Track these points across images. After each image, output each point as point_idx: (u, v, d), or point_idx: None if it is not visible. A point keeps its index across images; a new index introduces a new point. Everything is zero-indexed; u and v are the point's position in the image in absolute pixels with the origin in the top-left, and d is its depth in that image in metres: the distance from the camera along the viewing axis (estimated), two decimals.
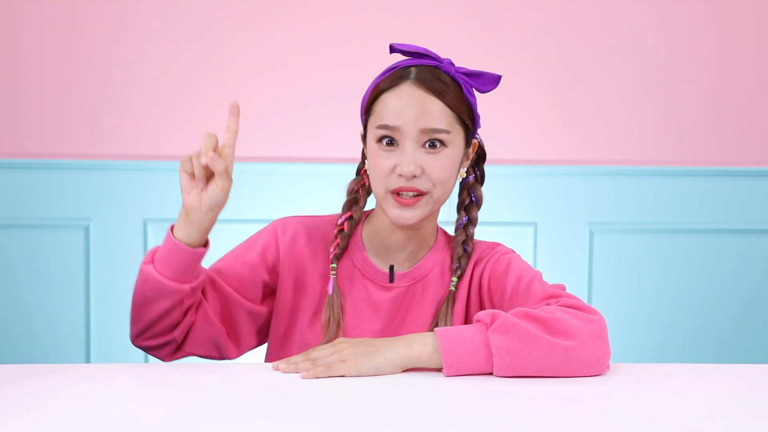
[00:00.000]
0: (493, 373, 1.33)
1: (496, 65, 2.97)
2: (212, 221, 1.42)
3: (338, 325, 1.56)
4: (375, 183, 1.52)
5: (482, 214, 1.63)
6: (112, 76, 2.89)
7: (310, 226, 1.64)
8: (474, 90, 1.55)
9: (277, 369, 1.36)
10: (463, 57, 2.89)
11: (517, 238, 2.88)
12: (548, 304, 1.42)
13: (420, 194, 1.49)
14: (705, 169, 2.89)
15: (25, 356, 2.88)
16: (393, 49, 1.57)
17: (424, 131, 1.47)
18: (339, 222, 1.62)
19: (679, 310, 2.93)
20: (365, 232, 1.62)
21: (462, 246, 1.60)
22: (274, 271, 1.60)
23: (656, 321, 2.92)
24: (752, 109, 2.93)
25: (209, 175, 1.38)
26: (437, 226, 1.64)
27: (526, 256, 2.89)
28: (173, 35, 2.89)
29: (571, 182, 2.89)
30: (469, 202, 1.63)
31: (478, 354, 1.33)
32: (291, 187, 2.83)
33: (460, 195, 1.63)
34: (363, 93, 2.98)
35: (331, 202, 2.81)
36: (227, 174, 1.37)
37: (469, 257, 1.60)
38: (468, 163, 1.59)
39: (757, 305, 2.93)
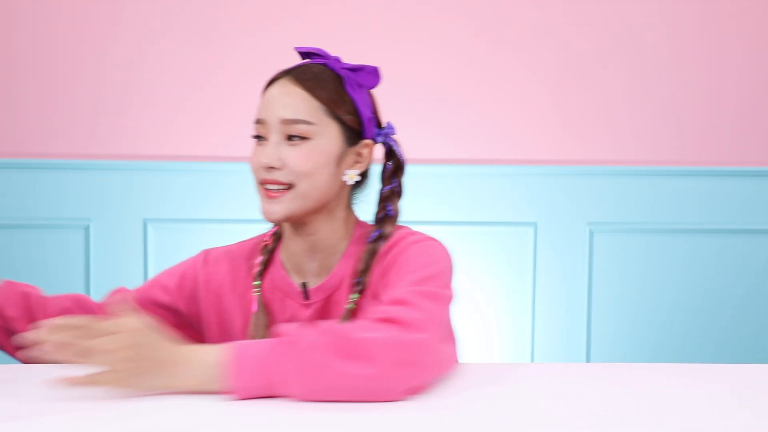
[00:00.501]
0: (289, 397, 1.22)
1: (496, 65, 2.98)
2: None
3: None
4: (255, 180, 1.50)
5: (482, 214, 1.63)
6: (112, 76, 2.89)
7: (233, 252, 1.62)
8: (369, 92, 1.55)
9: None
10: (463, 57, 2.91)
11: (517, 238, 2.88)
12: (377, 320, 1.27)
13: (287, 188, 1.45)
14: (705, 169, 2.88)
15: None
16: (298, 53, 1.57)
17: (285, 122, 1.45)
18: (264, 239, 1.60)
19: (679, 310, 2.92)
20: (282, 249, 1.58)
21: (366, 260, 1.50)
22: (192, 301, 1.59)
23: (656, 321, 2.92)
24: (752, 109, 2.93)
25: None
26: (353, 227, 1.56)
27: (526, 256, 2.91)
28: (173, 35, 2.89)
29: (571, 182, 2.89)
30: (384, 216, 1.54)
31: (272, 377, 1.21)
32: None
33: (377, 207, 1.56)
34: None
35: None
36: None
37: (368, 272, 1.50)
38: (361, 165, 1.53)
39: (757, 305, 2.93)
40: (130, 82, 2.89)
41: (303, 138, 1.45)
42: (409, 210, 2.85)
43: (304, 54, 1.56)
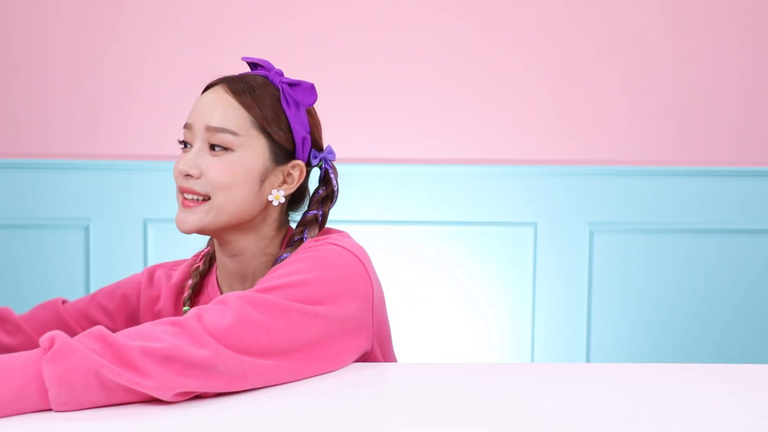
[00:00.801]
0: (53, 409, 1.11)
1: (496, 65, 2.99)
2: None
3: None
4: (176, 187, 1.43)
5: (483, 214, 1.61)
6: (112, 76, 2.90)
7: (174, 273, 1.56)
8: (311, 111, 1.47)
9: None
10: (463, 57, 2.91)
11: (517, 238, 2.88)
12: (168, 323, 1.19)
13: (204, 199, 1.38)
14: (705, 169, 2.89)
15: None
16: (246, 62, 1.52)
17: (209, 129, 1.38)
18: (196, 262, 1.54)
19: (679, 310, 2.93)
20: (218, 270, 1.51)
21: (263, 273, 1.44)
22: (132, 321, 1.54)
23: (656, 321, 2.92)
24: (752, 109, 2.93)
25: None
26: (280, 250, 1.46)
27: (526, 256, 2.91)
28: (173, 35, 2.89)
29: (571, 182, 2.89)
30: (300, 239, 1.44)
31: (30, 388, 1.09)
32: None
33: (296, 227, 1.48)
34: (362, 92, 2.98)
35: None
36: None
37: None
38: (291, 186, 1.45)
39: (757, 305, 2.93)
40: (130, 83, 2.90)
41: (225, 149, 1.38)
42: (409, 210, 2.86)
43: (251, 65, 1.51)
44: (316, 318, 1.26)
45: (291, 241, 1.44)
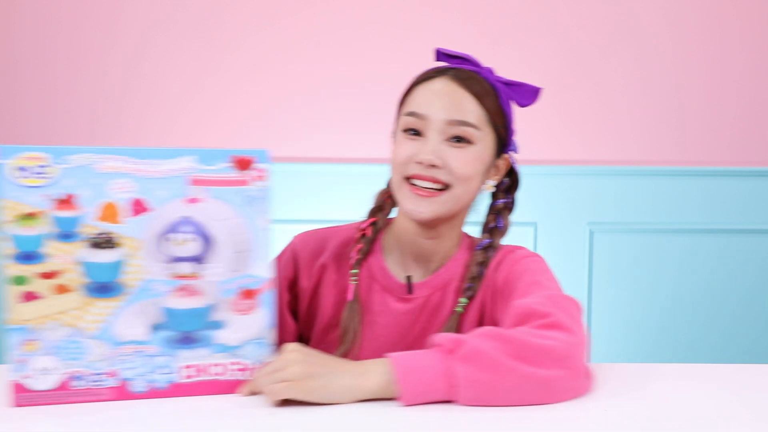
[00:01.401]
0: (458, 403, 1.21)
1: (496, 65, 2.97)
2: None
3: (355, 334, 1.49)
4: (393, 172, 1.48)
5: (482, 214, 1.61)
6: (112, 75, 2.89)
7: (328, 237, 1.59)
8: (513, 105, 1.52)
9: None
10: None
11: (517, 238, 2.84)
12: (523, 323, 1.28)
13: (441, 188, 1.43)
14: (705, 169, 2.88)
15: None
16: (439, 53, 1.54)
17: (452, 123, 1.42)
18: (362, 227, 1.57)
19: (679, 311, 2.93)
20: (385, 240, 1.57)
21: (478, 267, 1.51)
22: (294, 288, 1.57)
23: (656, 321, 2.92)
24: (753, 109, 2.93)
25: None
26: (462, 234, 1.57)
27: None
28: (173, 35, 2.89)
29: (571, 182, 2.89)
30: (494, 227, 1.55)
31: (439, 384, 1.20)
32: (290, 186, 2.83)
33: (486, 216, 1.57)
34: (362, 92, 2.97)
35: (332, 202, 2.81)
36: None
37: (481, 280, 1.51)
38: (498, 177, 1.54)
39: (758, 305, 2.93)
40: (131, 82, 2.89)
41: (468, 142, 1.44)
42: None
43: (448, 56, 1.53)
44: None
45: (487, 227, 1.55)
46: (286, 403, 1.19)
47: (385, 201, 1.59)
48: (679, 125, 2.93)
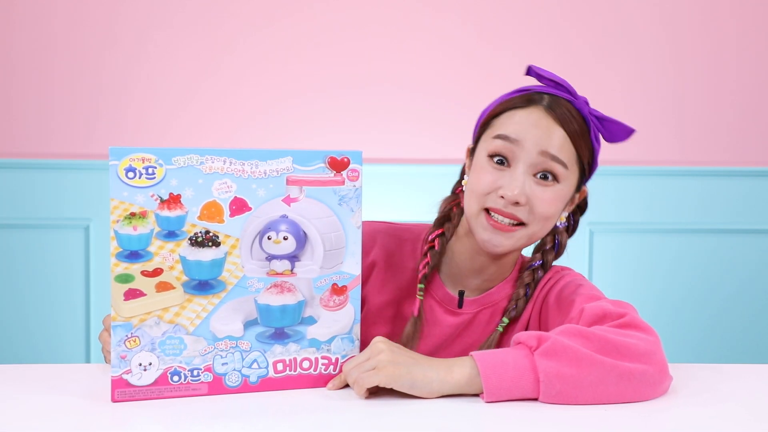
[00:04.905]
0: (540, 400, 1.22)
1: (496, 65, 2.99)
2: None
3: (412, 348, 1.45)
4: (470, 199, 1.43)
5: None
6: (112, 76, 2.88)
7: (378, 231, 1.58)
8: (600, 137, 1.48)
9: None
10: (464, 57, 2.93)
11: None
12: (599, 323, 1.30)
13: (518, 224, 1.40)
14: (705, 169, 2.89)
15: (25, 356, 2.85)
16: (531, 71, 1.47)
17: (544, 154, 1.37)
18: (430, 238, 1.53)
19: (678, 310, 2.94)
20: (449, 258, 1.54)
21: (525, 288, 1.49)
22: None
23: (656, 320, 2.89)
24: (752, 109, 2.94)
25: None
26: (518, 254, 1.55)
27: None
28: (172, 35, 2.88)
29: None
30: (550, 247, 1.52)
31: (524, 380, 1.21)
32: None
33: (544, 237, 1.51)
34: (362, 91, 2.95)
35: None
36: None
37: (527, 301, 1.49)
38: (571, 208, 1.51)
39: (758, 305, 2.94)
40: (129, 82, 2.88)
41: (554, 179, 1.39)
42: (410, 210, 2.88)
43: (540, 76, 1.46)
44: None
45: (542, 248, 1.52)
46: (374, 396, 1.22)
47: (452, 211, 1.53)
48: (678, 125, 2.94)
